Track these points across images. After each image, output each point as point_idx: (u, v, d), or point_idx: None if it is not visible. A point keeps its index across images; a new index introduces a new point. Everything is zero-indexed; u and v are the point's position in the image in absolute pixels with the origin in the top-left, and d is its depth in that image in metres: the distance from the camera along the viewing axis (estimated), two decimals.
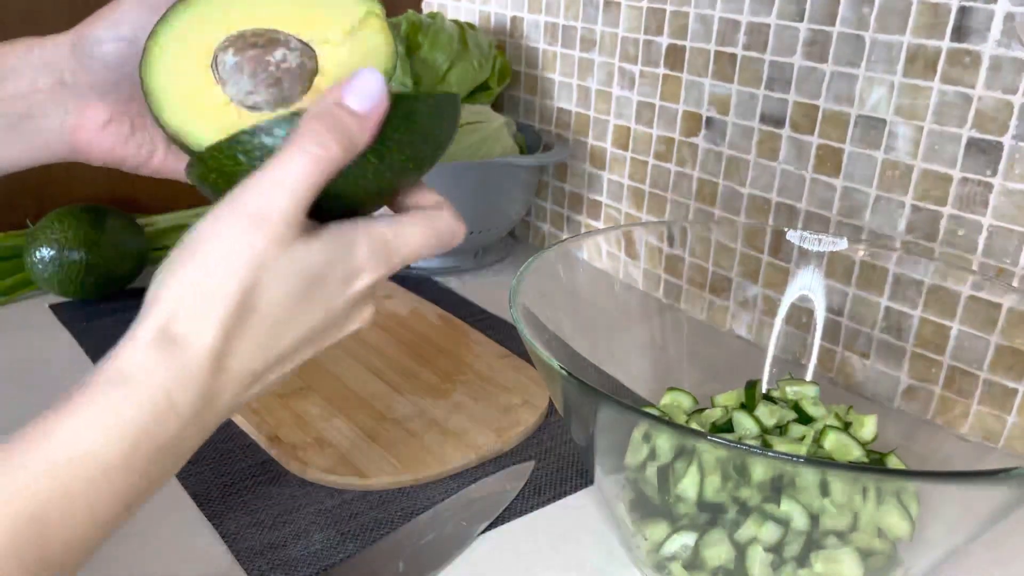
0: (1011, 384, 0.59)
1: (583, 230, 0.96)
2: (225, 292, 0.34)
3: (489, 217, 0.88)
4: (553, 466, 0.59)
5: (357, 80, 0.37)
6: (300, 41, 0.42)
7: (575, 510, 0.55)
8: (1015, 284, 0.61)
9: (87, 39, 0.45)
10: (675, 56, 0.80)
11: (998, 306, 0.59)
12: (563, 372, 0.40)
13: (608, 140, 0.90)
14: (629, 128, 0.87)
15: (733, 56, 0.75)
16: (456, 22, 0.92)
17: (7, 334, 0.74)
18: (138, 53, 0.42)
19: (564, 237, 0.98)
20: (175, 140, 0.41)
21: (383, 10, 0.43)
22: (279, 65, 0.41)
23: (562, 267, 0.57)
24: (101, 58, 0.44)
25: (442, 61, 0.88)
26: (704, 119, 0.79)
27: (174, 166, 0.48)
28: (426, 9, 1.10)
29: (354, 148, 0.36)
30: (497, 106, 1.01)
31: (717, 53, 0.76)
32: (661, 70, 0.82)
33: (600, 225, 0.94)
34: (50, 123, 0.45)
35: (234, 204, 0.35)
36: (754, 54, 0.73)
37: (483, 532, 0.52)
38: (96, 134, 0.46)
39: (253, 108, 0.41)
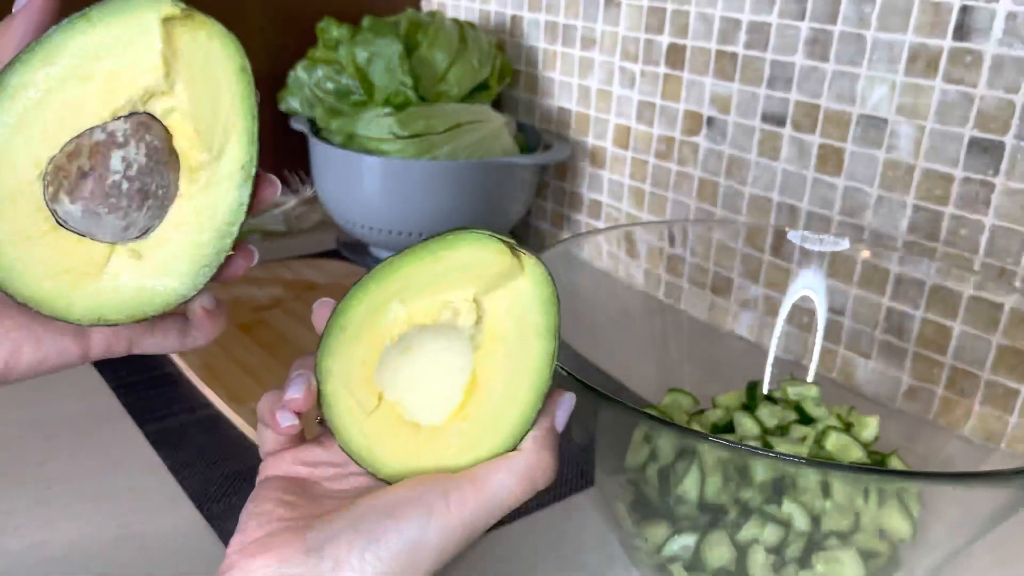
0: (1013, 385, 0.59)
1: (583, 230, 0.96)
2: None
3: (489, 217, 0.88)
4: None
5: (568, 409, 0.37)
6: (123, 119, 0.31)
7: (575, 511, 0.55)
8: (1017, 284, 0.60)
9: None
10: (676, 55, 0.80)
11: (1000, 306, 0.59)
12: (563, 372, 0.40)
13: (609, 139, 0.89)
14: (630, 127, 0.86)
15: (734, 55, 0.75)
16: (456, 21, 0.92)
17: None
18: None
19: (564, 237, 0.98)
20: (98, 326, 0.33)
21: (180, 4, 0.32)
22: (128, 176, 0.31)
23: (562, 267, 0.57)
24: None
25: (441, 60, 0.88)
26: (705, 118, 0.79)
27: (64, 352, 0.36)
28: (426, 8, 1.10)
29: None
30: (497, 105, 1.01)
31: (718, 52, 0.76)
32: (662, 69, 0.82)
33: (601, 225, 0.94)
34: None
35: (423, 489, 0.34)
36: (755, 53, 0.73)
37: (484, 533, 0.52)
38: None
39: (144, 235, 0.33)
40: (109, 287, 0.33)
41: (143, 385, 0.66)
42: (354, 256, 0.93)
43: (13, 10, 0.33)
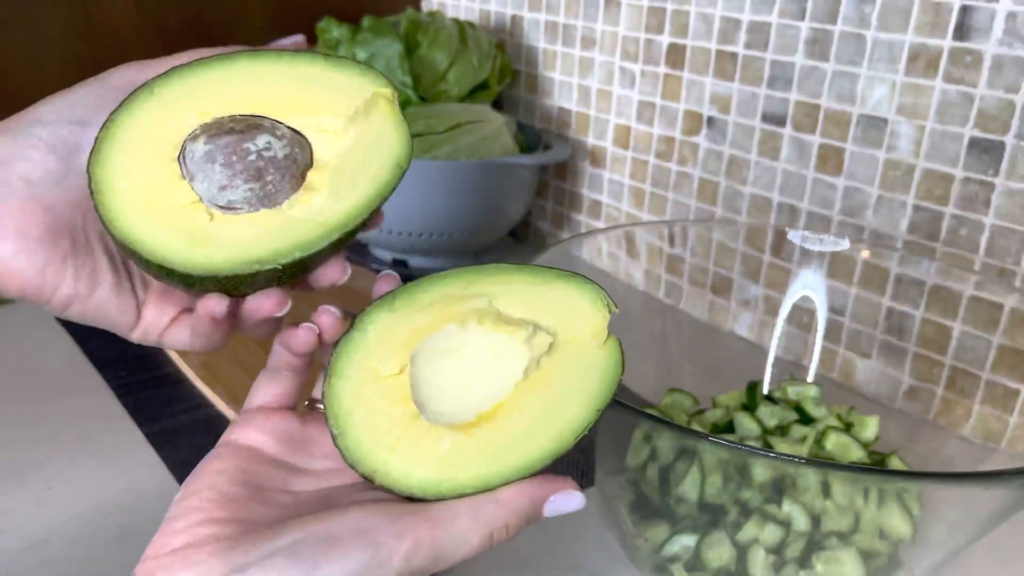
0: (1013, 385, 0.59)
1: (583, 230, 0.96)
2: None
3: (489, 217, 0.88)
4: (553, 467, 0.59)
5: (566, 503, 0.35)
6: (290, 129, 0.35)
7: (576, 511, 0.55)
8: (1017, 284, 0.60)
9: (25, 120, 0.34)
10: (676, 55, 0.80)
11: (1000, 306, 0.59)
12: None
13: (609, 139, 0.89)
14: (630, 127, 0.86)
15: (734, 55, 0.75)
16: (456, 21, 0.92)
17: (7, 336, 0.74)
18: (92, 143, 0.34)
19: (564, 237, 0.98)
20: (128, 253, 0.33)
21: (395, 93, 0.36)
22: (261, 154, 0.34)
23: (563, 267, 0.57)
24: (43, 142, 0.33)
25: (442, 60, 0.88)
26: (705, 118, 0.79)
27: (124, 309, 0.36)
28: (426, 7, 1.10)
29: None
30: (497, 105, 1.01)
31: (718, 52, 0.76)
32: (662, 69, 0.81)
33: (601, 225, 0.93)
34: None
35: (378, 526, 0.31)
36: (755, 53, 0.73)
37: None
38: (21, 246, 0.32)
39: (228, 208, 0.34)
40: (160, 223, 0.33)
41: (143, 385, 0.66)
42: (354, 256, 0.93)
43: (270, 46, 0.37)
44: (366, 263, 0.91)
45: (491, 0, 1.00)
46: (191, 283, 0.33)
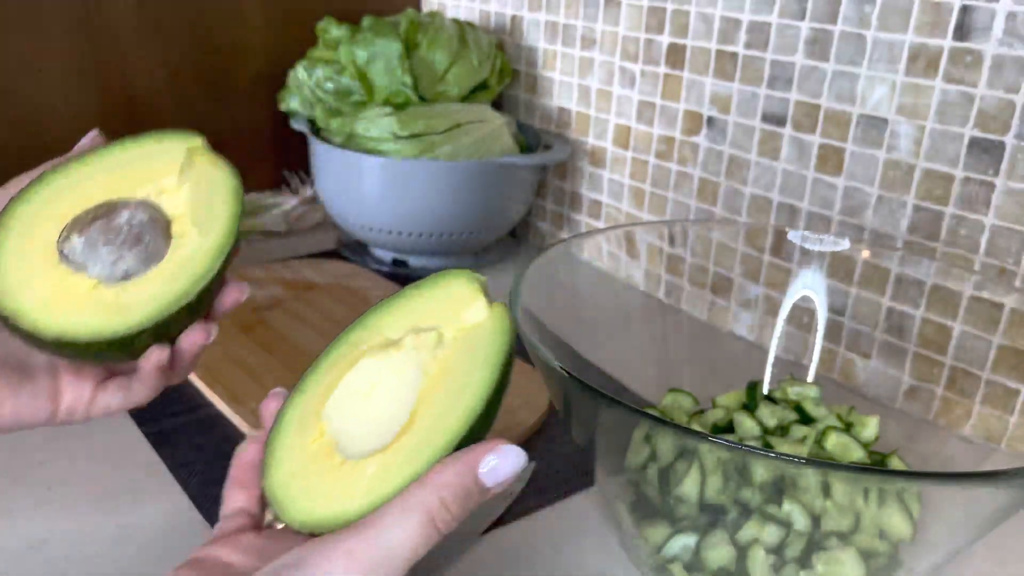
0: (1013, 384, 0.59)
1: (583, 230, 0.96)
2: None
3: (489, 217, 0.88)
4: (554, 467, 0.59)
5: (503, 461, 0.32)
6: (138, 201, 0.40)
7: (576, 511, 0.55)
8: (1017, 284, 0.61)
9: None
10: (676, 55, 0.80)
11: (1000, 306, 0.59)
12: (564, 373, 0.40)
13: (609, 139, 0.89)
14: (630, 127, 0.86)
15: (734, 55, 0.75)
16: (456, 21, 0.92)
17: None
18: None
19: (564, 237, 0.98)
20: (64, 352, 0.38)
21: (204, 141, 0.42)
22: (131, 223, 0.39)
23: (563, 267, 0.57)
24: None
25: (441, 60, 0.88)
26: (705, 118, 0.79)
27: (36, 409, 0.39)
28: (425, 8, 1.10)
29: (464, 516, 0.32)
30: (497, 105, 1.01)
31: (718, 52, 0.76)
32: (662, 69, 0.82)
33: (601, 225, 0.94)
34: None
35: (336, 548, 0.30)
36: (755, 53, 0.73)
37: (484, 533, 0.52)
38: None
39: (126, 277, 0.39)
40: (79, 311, 0.38)
41: None
42: (354, 256, 0.93)
43: (74, 149, 0.41)
44: (366, 263, 0.91)
45: (491, 0, 1.00)
46: (128, 344, 0.38)
